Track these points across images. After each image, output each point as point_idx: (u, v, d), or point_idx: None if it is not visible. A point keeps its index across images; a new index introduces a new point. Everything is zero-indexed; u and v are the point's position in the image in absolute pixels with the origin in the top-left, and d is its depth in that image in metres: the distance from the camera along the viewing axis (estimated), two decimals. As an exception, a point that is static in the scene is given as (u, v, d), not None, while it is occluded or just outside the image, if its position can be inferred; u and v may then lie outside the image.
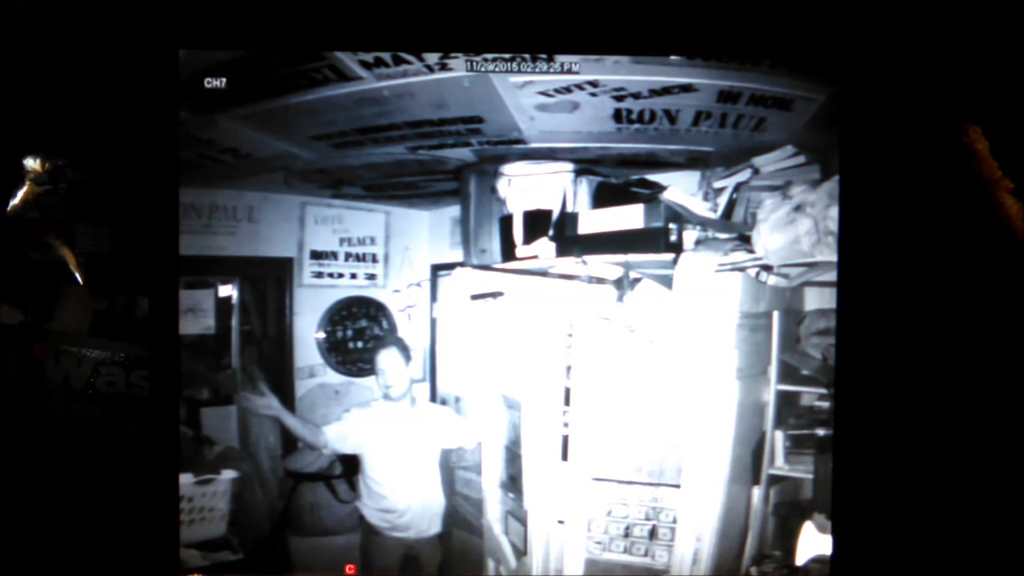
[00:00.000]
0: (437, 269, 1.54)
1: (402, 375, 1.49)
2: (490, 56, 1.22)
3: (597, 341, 1.39)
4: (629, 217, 1.37)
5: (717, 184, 1.38)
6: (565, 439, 1.42)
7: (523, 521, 1.47)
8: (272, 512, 1.44)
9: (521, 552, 1.47)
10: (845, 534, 1.28)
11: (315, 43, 1.20)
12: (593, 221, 1.40)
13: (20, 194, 1.34)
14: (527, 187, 1.44)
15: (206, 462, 1.40)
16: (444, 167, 1.46)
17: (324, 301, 1.54)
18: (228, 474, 1.41)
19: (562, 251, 1.42)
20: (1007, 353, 1.29)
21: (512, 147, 1.39)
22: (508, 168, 1.44)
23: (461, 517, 1.54)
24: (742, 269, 1.34)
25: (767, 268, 1.34)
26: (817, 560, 1.31)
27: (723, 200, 1.37)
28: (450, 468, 1.55)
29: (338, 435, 1.46)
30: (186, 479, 1.34)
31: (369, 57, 1.18)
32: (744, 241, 1.35)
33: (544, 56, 1.22)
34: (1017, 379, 1.29)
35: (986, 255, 1.29)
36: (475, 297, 1.50)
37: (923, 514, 1.31)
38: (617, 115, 1.29)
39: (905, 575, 1.31)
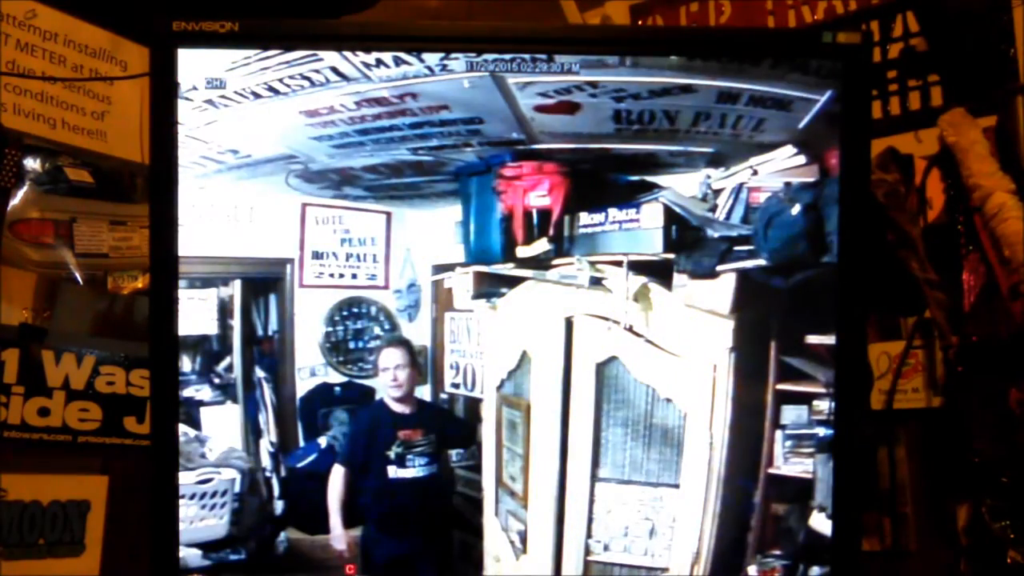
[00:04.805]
0: (437, 269, 1.54)
1: (406, 375, 1.49)
2: (490, 56, 1.22)
3: (597, 341, 1.39)
4: (629, 217, 1.36)
5: (717, 184, 1.38)
6: (565, 439, 1.42)
7: (523, 521, 1.47)
8: (272, 512, 1.44)
9: (521, 552, 1.47)
10: (845, 534, 1.28)
11: (315, 43, 1.20)
12: (593, 221, 1.40)
13: (20, 194, 1.34)
14: (527, 187, 1.44)
15: (206, 462, 1.40)
16: (444, 168, 1.46)
17: (324, 301, 1.54)
18: (228, 474, 1.41)
19: (562, 251, 1.42)
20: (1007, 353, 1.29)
21: (512, 147, 1.39)
22: (508, 168, 1.44)
23: (461, 517, 1.54)
24: (742, 269, 1.34)
25: (766, 268, 1.34)
26: (817, 560, 1.30)
27: (723, 200, 1.37)
28: (450, 468, 1.55)
29: (351, 452, 1.47)
30: (186, 479, 1.34)
31: (369, 57, 1.18)
32: (744, 241, 1.35)
33: (544, 56, 1.22)
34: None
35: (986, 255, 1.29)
36: (475, 297, 1.50)
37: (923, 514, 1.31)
38: (617, 116, 1.29)
39: (905, 575, 1.31)
